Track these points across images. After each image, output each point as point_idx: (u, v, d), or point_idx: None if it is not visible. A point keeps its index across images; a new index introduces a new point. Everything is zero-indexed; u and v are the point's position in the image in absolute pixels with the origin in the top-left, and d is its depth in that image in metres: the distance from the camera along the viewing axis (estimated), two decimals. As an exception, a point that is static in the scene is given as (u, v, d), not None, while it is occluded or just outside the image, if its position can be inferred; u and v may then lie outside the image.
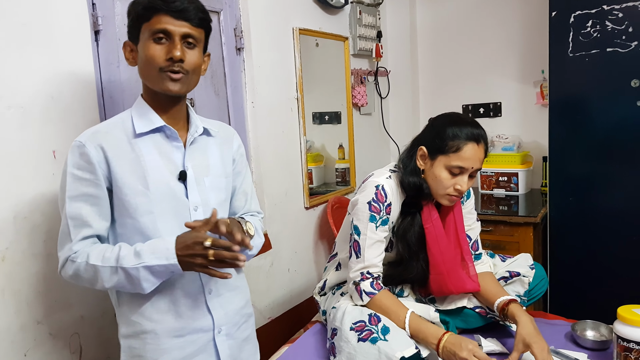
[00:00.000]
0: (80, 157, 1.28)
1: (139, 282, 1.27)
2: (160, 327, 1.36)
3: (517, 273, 1.94)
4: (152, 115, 1.37)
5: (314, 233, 2.93)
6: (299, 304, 2.78)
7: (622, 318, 1.54)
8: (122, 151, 1.32)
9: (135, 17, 1.31)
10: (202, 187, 1.41)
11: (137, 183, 1.31)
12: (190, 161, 1.40)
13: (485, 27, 3.53)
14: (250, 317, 1.59)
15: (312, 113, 3.05)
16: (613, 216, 2.62)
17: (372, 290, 1.72)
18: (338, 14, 3.10)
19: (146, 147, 1.35)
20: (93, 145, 1.29)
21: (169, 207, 1.35)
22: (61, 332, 1.65)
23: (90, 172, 1.28)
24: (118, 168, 1.30)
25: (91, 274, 1.28)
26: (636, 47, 2.44)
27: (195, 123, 1.44)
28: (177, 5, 1.27)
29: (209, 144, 1.48)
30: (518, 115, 3.51)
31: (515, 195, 3.27)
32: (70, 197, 1.29)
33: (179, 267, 1.26)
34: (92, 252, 1.28)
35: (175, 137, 1.39)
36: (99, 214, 1.31)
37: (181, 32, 1.29)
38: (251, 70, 2.41)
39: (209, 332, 1.43)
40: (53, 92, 1.60)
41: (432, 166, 1.72)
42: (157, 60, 1.29)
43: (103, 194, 1.31)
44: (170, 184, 1.35)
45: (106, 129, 1.34)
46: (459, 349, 1.51)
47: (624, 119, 2.52)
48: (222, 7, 2.26)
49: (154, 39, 1.29)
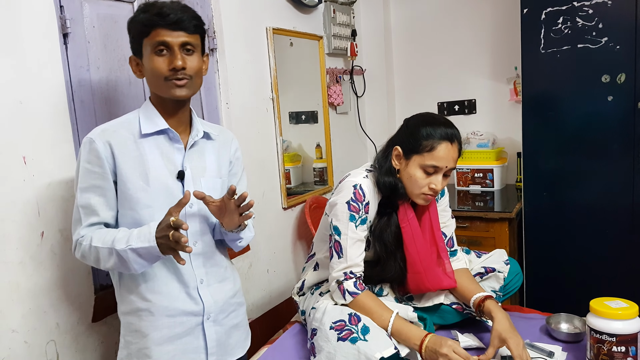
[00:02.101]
0: (90, 152, 1.42)
1: (129, 263, 1.38)
2: (153, 306, 1.49)
3: (493, 269, 1.96)
4: (157, 118, 1.50)
5: (292, 233, 2.93)
6: (278, 305, 2.77)
7: (595, 311, 1.57)
8: (127, 149, 1.45)
9: (135, 33, 1.45)
10: (198, 186, 1.52)
11: (139, 179, 1.45)
12: (189, 162, 1.54)
13: (458, 25, 3.56)
14: (240, 306, 1.71)
15: (288, 113, 3.05)
16: (586, 210, 2.66)
17: (355, 290, 1.73)
18: (312, 13, 3.10)
19: (149, 147, 1.48)
20: (102, 141, 1.42)
21: (167, 202, 1.43)
22: (36, 340, 1.63)
23: (99, 165, 1.42)
24: (123, 164, 1.43)
25: (94, 255, 1.41)
26: (606, 43, 2.48)
27: (196, 127, 1.58)
28: (171, 18, 1.39)
29: (207, 147, 1.61)
30: (492, 112, 3.54)
31: (490, 191, 3.31)
32: (81, 188, 1.43)
33: (157, 250, 1.34)
34: (95, 235, 1.41)
35: (177, 139, 1.52)
36: (106, 204, 1.45)
37: (179, 42, 1.42)
38: (225, 71, 2.39)
39: (198, 316, 1.55)
40: (21, 97, 1.57)
41: (407, 166, 1.73)
42: (161, 71, 1.42)
43: (110, 186, 1.44)
44: (169, 182, 1.49)
45: (114, 127, 1.47)
46: (440, 346, 1.53)
47: (596, 114, 2.56)
48: (194, 7, 2.23)
49: (156, 52, 1.41)
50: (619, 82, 2.47)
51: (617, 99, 2.49)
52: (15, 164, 1.56)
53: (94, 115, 1.81)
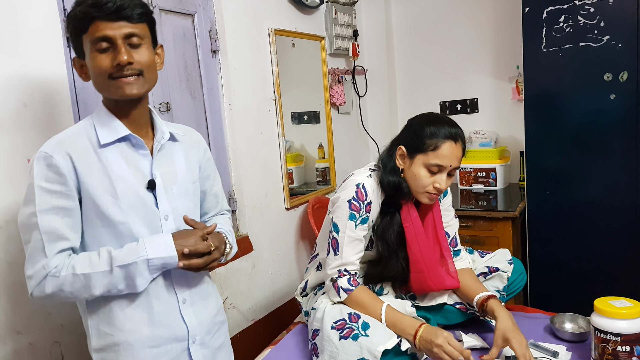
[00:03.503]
0: (49, 168, 1.24)
1: (134, 279, 1.27)
2: (133, 338, 1.33)
3: (496, 268, 1.96)
4: (115, 123, 1.32)
5: (295, 234, 2.93)
6: (281, 305, 2.77)
7: (599, 310, 1.56)
8: (89, 161, 1.28)
9: (73, 30, 1.27)
10: (170, 195, 1.38)
11: (107, 194, 1.28)
12: (158, 169, 1.37)
13: (460, 24, 3.56)
14: (223, 324, 1.56)
15: (290, 113, 3.05)
16: (589, 209, 2.65)
17: (349, 287, 1.73)
18: (313, 13, 3.10)
19: (113, 156, 1.31)
20: (61, 154, 1.24)
21: (140, 216, 1.32)
22: (41, 342, 1.63)
23: (61, 183, 1.24)
24: (87, 178, 1.27)
25: (79, 284, 1.25)
26: (608, 41, 2.48)
27: (160, 129, 1.40)
28: (109, 7, 1.21)
29: (175, 149, 1.44)
30: (495, 111, 3.54)
31: (493, 190, 3.30)
32: (40, 211, 1.23)
33: (176, 260, 1.28)
34: (75, 262, 1.25)
35: (142, 145, 1.35)
36: (72, 225, 1.28)
37: (122, 33, 1.24)
38: (227, 73, 2.40)
39: (183, 341, 1.40)
40: (25, 99, 1.58)
41: (411, 165, 1.73)
42: (105, 69, 1.24)
43: (75, 205, 1.27)
44: (140, 194, 1.33)
45: (71, 138, 1.29)
46: (435, 337, 1.54)
47: (598, 112, 2.56)
48: (196, 9, 2.24)
49: (97, 49, 1.24)
50: (621, 80, 2.47)
51: (620, 97, 2.49)
52: (19, 166, 1.56)
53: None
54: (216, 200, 1.62)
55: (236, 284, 2.44)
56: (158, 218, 1.35)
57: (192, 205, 1.47)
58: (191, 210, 1.45)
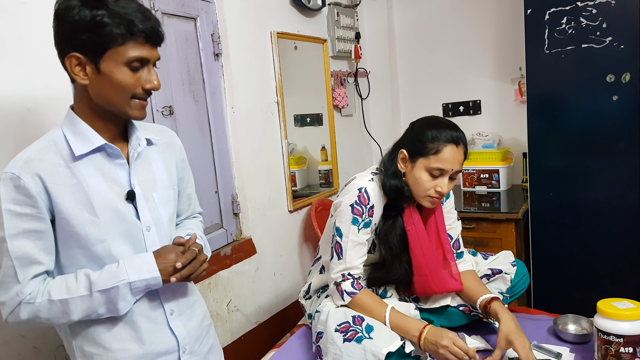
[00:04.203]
0: (17, 190, 1.15)
1: (115, 303, 1.22)
2: (123, 356, 1.29)
3: (499, 270, 1.96)
4: (88, 132, 1.23)
5: (299, 236, 2.93)
6: (285, 308, 2.78)
7: (602, 312, 1.56)
8: (61, 178, 1.20)
9: (102, 34, 1.14)
10: (151, 204, 1.33)
11: (84, 211, 1.21)
12: (136, 177, 1.31)
13: (462, 26, 3.56)
14: (210, 327, 1.53)
15: (293, 115, 3.06)
16: (592, 210, 2.65)
17: (353, 290, 1.74)
18: (316, 16, 3.10)
19: (87, 170, 1.23)
20: (29, 175, 1.16)
21: (120, 231, 1.26)
22: (46, 346, 1.64)
23: (30, 205, 1.17)
24: (60, 198, 1.19)
25: (56, 310, 1.20)
26: (610, 43, 2.48)
27: (136, 135, 1.32)
28: (152, 30, 1.18)
29: (151, 154, 1.37)
30: (497, 113, 3.54)
31: (496, 191, 3.30)
32: (10, 235, 1.16)
33: (160, 280, 1.25)
34: (51, 288, 1.20)
35: (118, 154, 1.27)
36: (45, 248, 1.21)
37: (155, 58, 1.22)
38: (230, 76, 2.41)
39: (173, 353, 1.36)
40: (29, 104, 1.59)
41: (412, 169, 1.74)
42: (132, 88, 1.19)
43: (47, 227, 1.20)
44: (119, 207, 1.26)
45: (39, 155, 1.20)
46: (440, 338, 1.55)
47: (601, 114, 2.55)
48: (199, 13, 2.25)
49: (129, 66, 1.17)
50: (623, 82, 2.47)
51: (622, 98, 2.48)
52: (23, 171, 1.57)
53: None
54: (189, 203, 1.57)
55: (240, 286, 2.45)
56: (140, 230, 1.30)
57: (173, 211, 1.42)
58: (172, 215, 1.41)
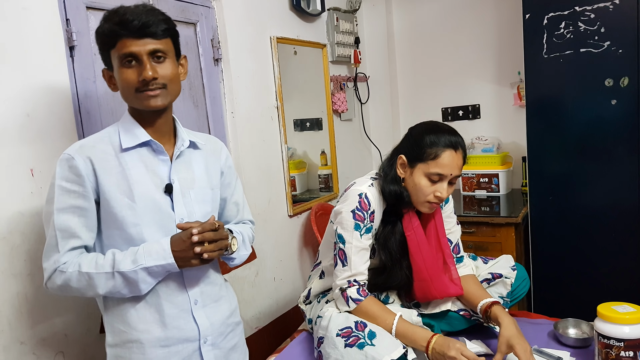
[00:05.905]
0: (70, 169, 1.31)
1: (136, 284, 1.32)
2: (145, 337, 1.38)
3: (499, 275, 1.96)
4: (137, 130, 1.39)
5: (299, 241, 2.93)
6: (285, 313, 2.78)
7: (602, 315, 1.56)
8: (109, 165, 1.34)
9: (101, 45, 1.35)
10: (187, 200, 1.43)
11: (124, 196, 1.34)
12: (176, 174, 1.43)
13: (461, 30, 3.57)
14: (237, 326, 1.60)
15: (293, 120, 3.06)
16: (592, 214, 2.65)
17: (358, 297, 1.73)
18: (315, 21, 3.11)
19: (132, 160, 1.37)
20: (82, 157, 1.31)
21: (155, 219, 1.37)
22: (45, 352, 1.64)
23: (79, 184, 1.31)
24: (105, 181, 1.33)
25: (84, 282, 1.31)
26: (609, 47, 2.48)
27: (181, 137, 1.47)
28: (135, 25, 1.28)
29: (194, 156, 1.50)
30: (497, 117, 3.54)
31: (496, 196, 3.30)
32: (58, 209, 1.31)
33: (175, 266, 1.32)
34: (82, 261, 1.31)
35: (161, 150, 1.41)
36: (87, 225, 1.34)
37: (146, 50, 1.31)
38: (230, 81, 2.41)
39: (194, 342, 1.44)
40: (29, 109, 1.59)
41: (411, 174, 1.74)
42: (131, 83, 1.32)
43: (91, 206, 1.34)
44: (156, 197, 1.38)
45: (93, 142, 1.37)
46: (448, 349, 1.53)
47: (600, 118, 2.56)
48: (198, 18, 2.26)
49: (124, 64, 1.31)
50: (622, 86, 2.47)
51: (621, 102, 2.49)
52: (23, 176, 1.58)
53: (100, 127, 1.82)
54: (237, 209, 1.66)
55: (239, 291, 2.44)
56: (173, 221, 1.39)
57: (210, 210, 1.50)
58: (208, 214, 1.47)
